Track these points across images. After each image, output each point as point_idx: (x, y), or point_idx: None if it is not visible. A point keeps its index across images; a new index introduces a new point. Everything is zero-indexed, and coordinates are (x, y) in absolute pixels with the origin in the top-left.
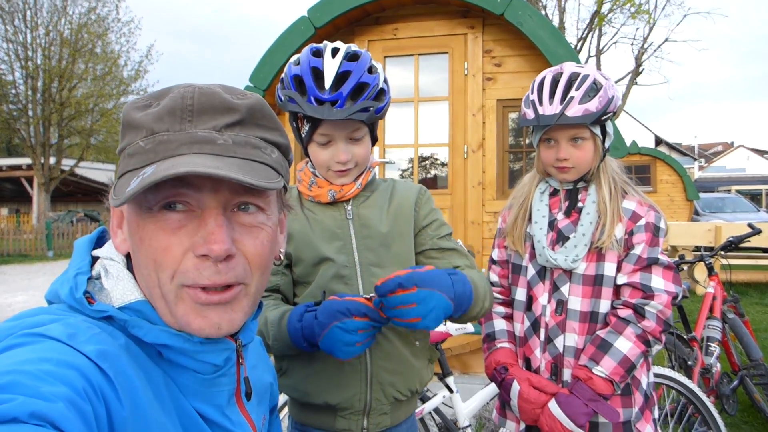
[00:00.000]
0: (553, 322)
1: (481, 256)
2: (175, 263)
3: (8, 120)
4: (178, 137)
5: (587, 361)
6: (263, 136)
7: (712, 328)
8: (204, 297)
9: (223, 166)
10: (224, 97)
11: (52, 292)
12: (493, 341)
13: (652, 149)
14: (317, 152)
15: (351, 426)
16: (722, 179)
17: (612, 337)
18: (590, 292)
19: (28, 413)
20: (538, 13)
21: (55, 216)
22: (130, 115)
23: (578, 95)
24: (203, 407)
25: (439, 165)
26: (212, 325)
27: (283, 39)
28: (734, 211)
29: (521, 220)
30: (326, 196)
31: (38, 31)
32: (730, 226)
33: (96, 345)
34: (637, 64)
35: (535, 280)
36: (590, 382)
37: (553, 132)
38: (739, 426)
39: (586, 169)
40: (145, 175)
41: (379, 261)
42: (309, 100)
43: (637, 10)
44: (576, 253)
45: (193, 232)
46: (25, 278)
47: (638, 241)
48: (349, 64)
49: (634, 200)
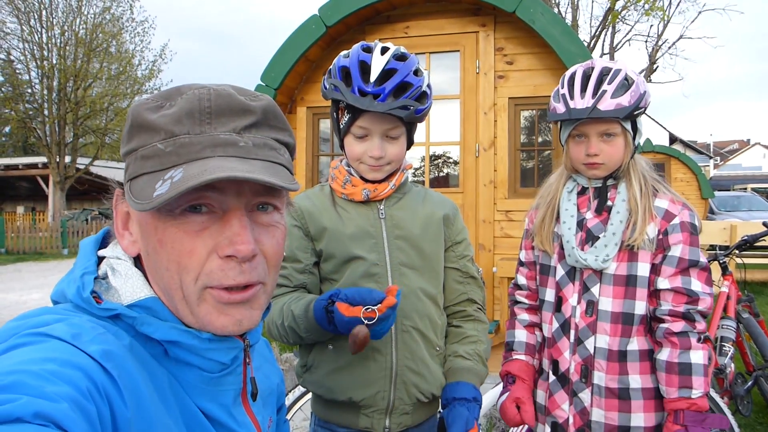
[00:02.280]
0: (583, 324)
1: (492, 254)
2: (199, 265)
3: (24, 119)
4: (200, 140)
5: (679, 390)
6: (276, 137)
7: (727, 327)
8: (227, 297)
9: (253, 170)
10: (239, 99)
11: (58, 292)
12: (511, 351)
13: (666, 147)
14: (352, 144)
15: (373, 424)
16: (738, 177)
17: (686, 356)
18: (622, 293)
19: (32, 413)
20: (550, 11)
21: (70, 214)
22: (141, 116)
23: (611, 89)
24: (209, 406)
25: (450, 163)
26: (234, 323)
27: (294, 38)
28: (750, 209)
29: (549, 219)
30: (360, 195)
31: (54, 31)
32: (745, 225)
33: (100, 345)
34: (651, 62)
35: (565, 280)
36: (695, 407)
37: (583, 127)
38: (753, 427)
39: (617, 166)
40: (175, 180)
41: (409, 261)
42: (353, 90)
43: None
44: (606, 253)
45: (216, 233)
46: (40, 276)
47: (675, 241)
48: (396, 63)
49: (666, 198)
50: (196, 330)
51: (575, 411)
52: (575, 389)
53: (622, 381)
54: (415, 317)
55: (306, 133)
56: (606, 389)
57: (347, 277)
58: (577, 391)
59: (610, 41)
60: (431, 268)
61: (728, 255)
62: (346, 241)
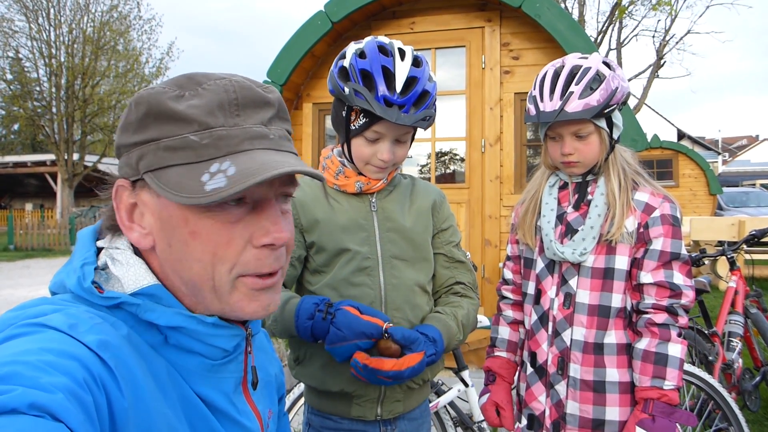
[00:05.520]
0: (561, 316)
1: (498, 250)
2: (236, 255)
3: (33, 117)
4: (237, 132)
5: (652, 380)
6: (287, 129)
7: (734, 323)
8: (261, 283)
9: (294, 162)
10: (258, 91)
11: (57, 283)
12: (494, 348)
13: (674, 143)
14: (361, 146)
15: (366, 413)
16: (747, 173)
17: (663, 347)
18: (600, 285)
19: (28, 404)
20: (557, 5)
21: (79, 211)
22: (165, 105)
23: (578, 90)
24: (209, 393)
25: (456, 159)
26: (264, 307)
27: (300, 34)
28: (759, 205)
29: (531, 213)
30: (353, 187)
31: (62, 29)
32: (753, 221)
33: (97, 335)
34: (659, 57)
35: (544, 273)
36: (665, 399)
37: (556, 128)
38: (761, 423)
39: (593, 163)
40: (230, 173)
41: (401, 253)
42: (377, 98)
43: (659, 2)
44: (584, 247)
45: (251, 223)
46: (48, 272)
47: (656, 234)
48: (415, 70)
49: (646, 192)
50: (201, 315)
51: (551, 403)
52: (552, 381)
53: (598, 374)
54: (406, 309)
55: (312, 129)
56: (581, 381)
57: (338, 270)
58: (554, 383)
59: (617, 36)
60: (422, 258)
61: (736, 250)
62: (338, 233)
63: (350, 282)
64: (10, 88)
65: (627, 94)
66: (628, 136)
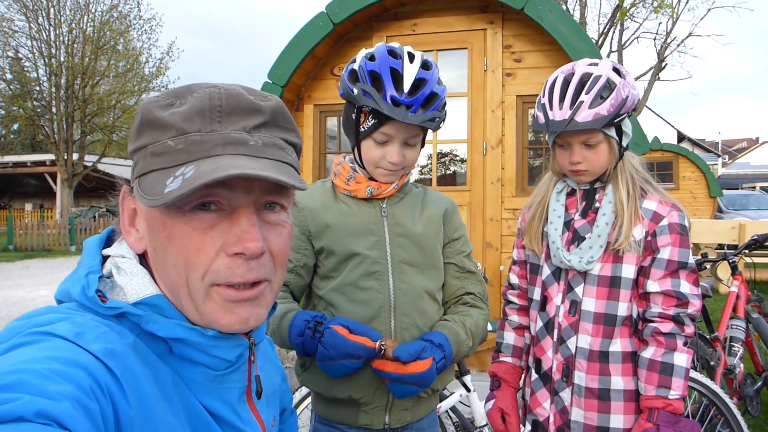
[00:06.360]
0: (566, 323)
1: (500, 253)
2: (207, 262)
3: (32, 116)
4: (211, 138)
5: (657, 389)
6: (284, 137)
7: (736, 327)
8: (234, 294)
9: (263, 168)
10: (249, 99)
11: (63, 292)
12: (499, 353)
13: (674, 145)
14: (371, 149)
15: (373, 421)
16: (747, 176)
17: (669, 356)
18: (606, 294)
19: (34, 412)
20: (559, 8)
21: (78, 211)
22: (152, 114)
23: (588, 99)
24: (213, 404)
25: (457, 161)
26: (241, 320)
27: (302, 35)
28: (759, 208)
29: (538, 219)
30: (364, 192)
31: (62, 29)
32: (754, 224)
33: (103, 343)
34: (660, 60)
35: (550, 280)
36: (670, 408)
37: (565, 137)
38: (762, 428)
39: (602, 171)
40: (187, 176)
41: (410, 258)
42: (385, 98)
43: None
44: (591, 255)
45: (224, 231)
46: (48, 273)
47: (664, 243)
48: (424, 72)
49: (654, 200)
50: (202, 327)
51: (556, 410)
52: (556, 388)
53: (603, 381)
54: (414, 315)
55: (313, 130)
56: (586, 389)
57: (347, 274)
58: (558, 390)
59: (619, 39)
60: (432, 265)
61: (738, 254)
62: (347, 238)
63: (358, 286)
64: (9, 87)
65: (637, 102)
66: (631, 141)
